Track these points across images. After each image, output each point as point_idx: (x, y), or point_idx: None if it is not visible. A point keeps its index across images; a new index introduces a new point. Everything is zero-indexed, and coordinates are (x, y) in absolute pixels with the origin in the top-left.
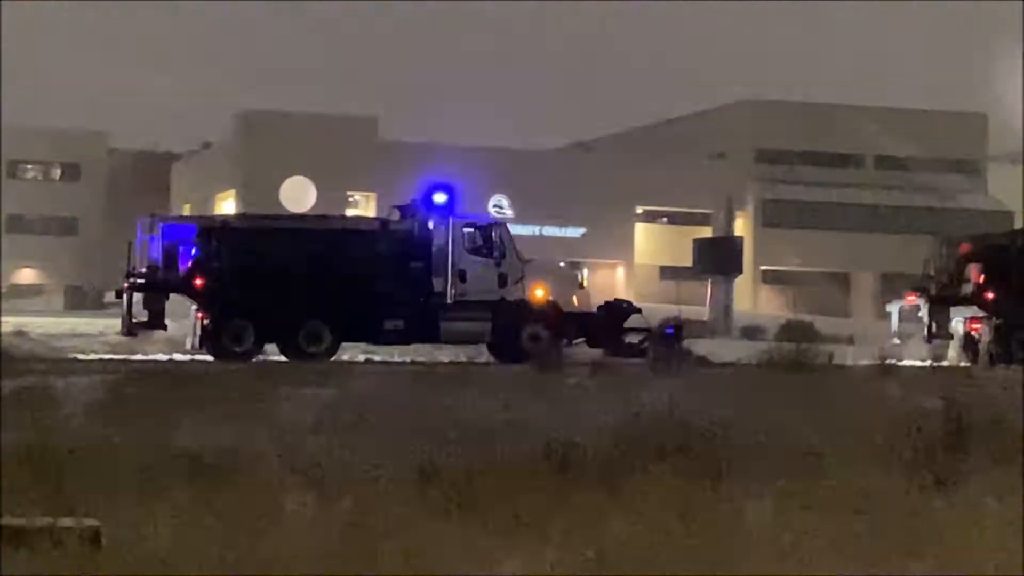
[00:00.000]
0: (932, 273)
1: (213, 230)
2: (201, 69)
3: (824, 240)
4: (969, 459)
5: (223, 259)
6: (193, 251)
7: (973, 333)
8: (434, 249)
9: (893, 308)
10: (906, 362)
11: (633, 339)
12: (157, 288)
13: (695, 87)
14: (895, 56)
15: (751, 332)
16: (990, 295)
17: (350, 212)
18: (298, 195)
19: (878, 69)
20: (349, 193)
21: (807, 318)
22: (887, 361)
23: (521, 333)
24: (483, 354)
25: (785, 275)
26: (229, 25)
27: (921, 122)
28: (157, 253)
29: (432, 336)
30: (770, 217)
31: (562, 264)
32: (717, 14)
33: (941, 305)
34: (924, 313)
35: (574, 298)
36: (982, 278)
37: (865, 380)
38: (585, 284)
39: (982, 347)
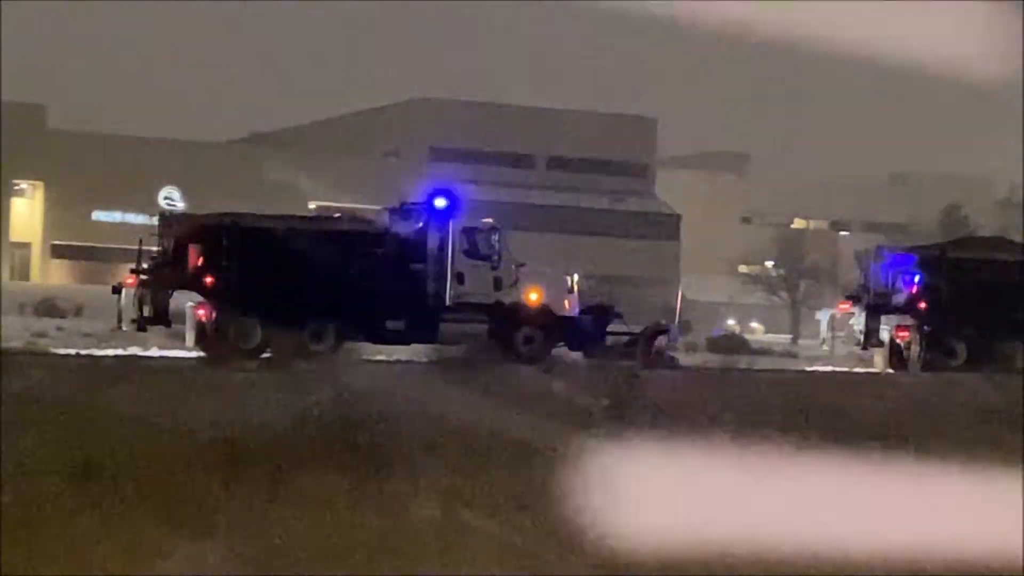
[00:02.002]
0: (864, 282)
1: (222, 228)
2: None
3: None
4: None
5: (232, 257)
6: (204, 249)
7: (899, 341)
8: (434, 252)
9: (823, 315)
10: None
11: (616, 342)
12: (167, 285)
13: (372, 83)
14: (569, 57)
15: None
16: (922, 304)
17: (16, 201)
18: None
19: (552, 70)
20: (15, 182)
21: None
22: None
23: (515, 335)
24: (150, 342)
25: None
26: None
27: (592, 124)
28: (173, 250)
29: (431, 337)
30: None
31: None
32: (393, 12)
33: (875, 313)
34: (860, 321)
35: (565, 302)
36: (914, 288)
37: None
38: (575, 288)
39: (912, 354)
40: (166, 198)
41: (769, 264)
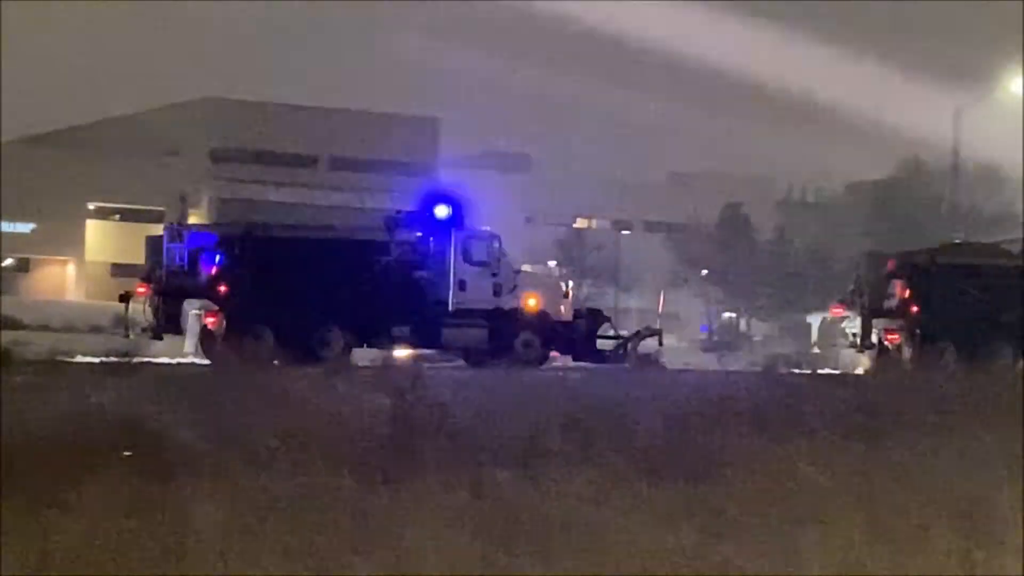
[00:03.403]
0: (857, 287)
1: (236, 238)
2: None
3: None
4: (417, 458)
5: (245, 266)
6: (217, 258)
7: (888, 343)
8: (437, 259)
9: (814, 319)
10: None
11: (607, 345)
12: (182, 294)
13: (152, 83)
14: (351, 57)
15: None
16: (914, 308)
17: None
18: None
19: (334, 70)
20: None
21: None
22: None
23: (515, 340)
24: None
25: None
26: None
27: (375, 124)
28: (182, 259)
29: (434, 342)
30: (225, 215)
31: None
32: (174, 12)
33: (867, 317)
34: (855, 324)
35: (561, 307)
36: (907, 293)
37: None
38: (570, 294)
39: (905, 355)
40: None
41: (552, 264)
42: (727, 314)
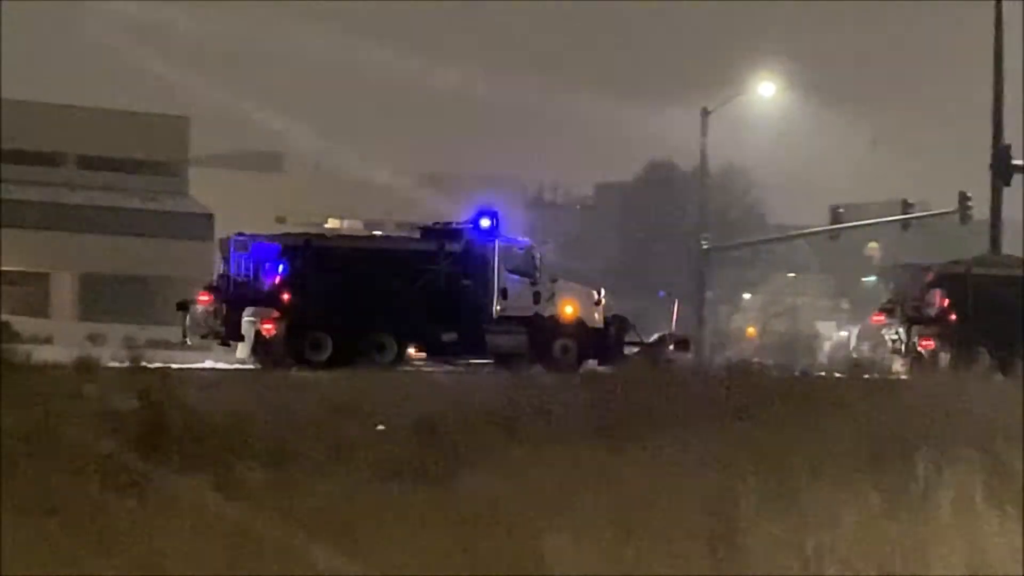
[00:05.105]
0: (896, 296)
1: (298, 248)
2: None
3: (21, 238)
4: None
5: (305, 275)
6: (280, 267)
7: (922, 349)
8: (482, 268)
9: (852, 328)
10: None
11: (632, 351)
12: (246, 301)
13: None
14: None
15: None
16: (952, 317)
17: None
18: None
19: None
20: None
21: (3, 318)
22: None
23: (553, 345)
24: None
25: None
26: None
27: (124, 123)
28: (248, 269)
29: (479, 348)
30: None
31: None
32: None
33: (911, 325)
34: (900, 331)
35: (596, 314)
36: (945, 302)
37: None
38: (602, 302)
39: (941, 360)
40: None
41: None
42: None
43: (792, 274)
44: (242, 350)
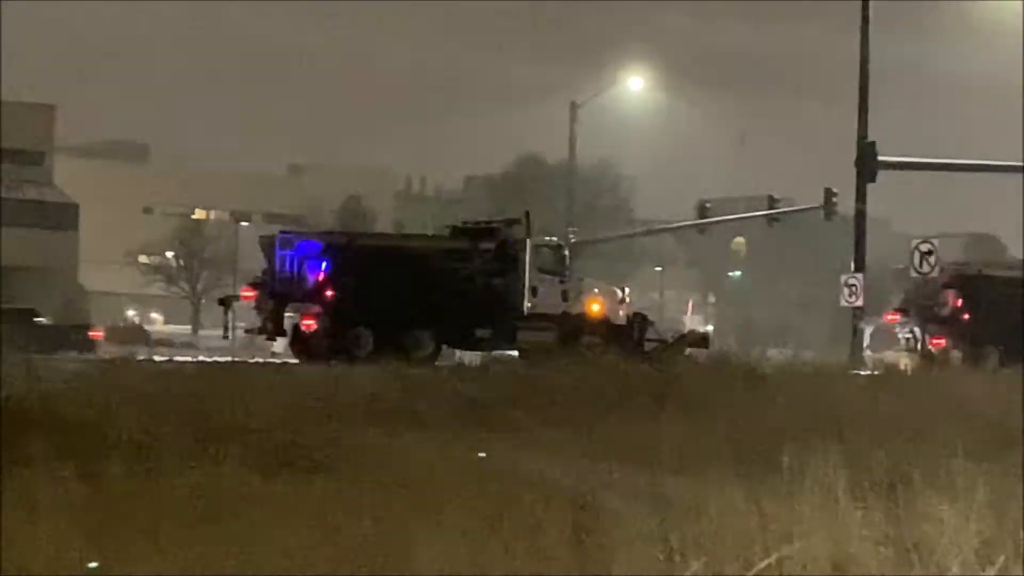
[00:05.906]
0: (909, 296)
1: (341, 246)
2: None
3: None
4: (25, 449)
5: (347, 272)
6: (323, 264)
7: (932, 347)
8: (513, 267)
9: (867, 326)
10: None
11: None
12: (291, 298)
13: None
14: None
15: None
16: (966, 316)
17: None
18: None
19: None
20: None
21: None
22: None
23: (580, 341)
24: None
25: None
26: None
27: None
28: (292, 266)
29: (511, 343)
30: None
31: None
32: None
33: (923, 324)
34: (916, 330)
35: (620, 312)
36: (959, 302)
37: None
38: (626, 300)
39: (951, 357)
40: None
41: (170, 255)
42: None
43: (659, 268)
44: (280, 344)
